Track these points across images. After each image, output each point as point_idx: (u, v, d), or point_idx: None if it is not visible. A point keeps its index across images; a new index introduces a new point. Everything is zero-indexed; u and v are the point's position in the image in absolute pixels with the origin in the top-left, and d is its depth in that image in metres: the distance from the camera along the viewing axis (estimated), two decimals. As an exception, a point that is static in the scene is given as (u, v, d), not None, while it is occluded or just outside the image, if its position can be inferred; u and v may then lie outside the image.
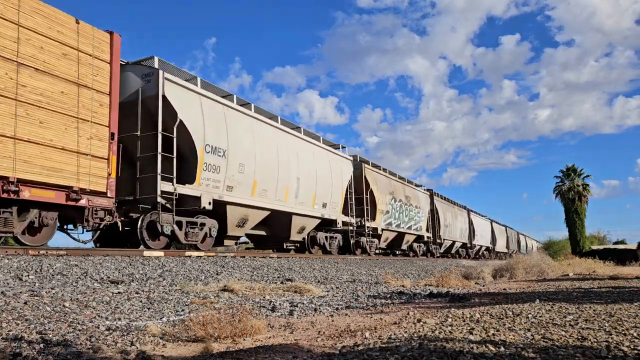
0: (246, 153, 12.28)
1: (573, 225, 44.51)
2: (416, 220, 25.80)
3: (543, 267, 14.40)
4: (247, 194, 12.31)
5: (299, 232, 15.26)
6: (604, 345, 3.01)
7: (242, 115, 12.58)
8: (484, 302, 6.15)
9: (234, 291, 6.48)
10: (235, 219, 12.15)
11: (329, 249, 17.17)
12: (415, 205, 25.60)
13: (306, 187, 15.01)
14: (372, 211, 19.84)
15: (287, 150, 14.28)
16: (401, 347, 2.96)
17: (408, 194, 24.84)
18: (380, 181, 21.19)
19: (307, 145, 15.75)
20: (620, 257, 28.82)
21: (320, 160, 16.27)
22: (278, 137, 14.03)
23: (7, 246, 7.51)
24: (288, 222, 14.55)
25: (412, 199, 25.24)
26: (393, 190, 22.43)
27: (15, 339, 3.31)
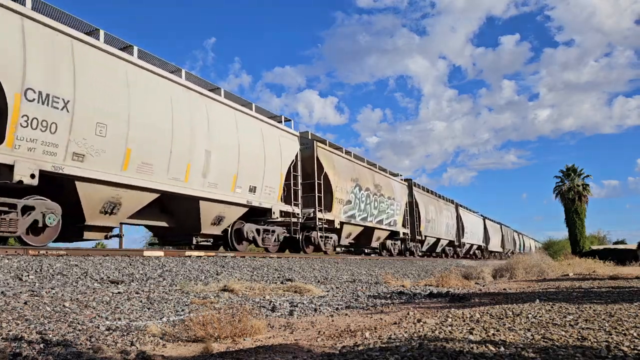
0: (112, 109, 8.76)
1: (573, 225, 44.54)
2: (389, 213, 21.96)
3: (543, 267, 14.40)
4: (114, 167, 8.84)
5: (215, 224, 11.76)
6: (604, 345, 3.01)
7: (108, 56, 8.90)
8: (484, 302, 6.15)
9: (234, 291, 6.48)
10: (95, 202, 8.80)
11: (263, 244, 13.50)
12: (388, 196, 21.77)
13: (222, 164, 11.38)
14: (328, 200, 16.36)
15: (192, 114, 10.56)
16: (401, 347, 2.96)
17: (379, 182, 21.03)
18: (340, 165, 17.61)
19: (227, 111, 11.89)
20: (620, 257, 28.81)
21: (249, 133, 12.51)
22: (177, 95, 10.27)
23: (7, 246, 7.51)
24: (195, 210, 10.98)
25: (384, 188, 21.42)
26: (358, 176, 18.87)
27: (15, 339, 3.31)
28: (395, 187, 23.33)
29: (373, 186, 20.31)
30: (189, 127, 10.47)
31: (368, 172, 20.37)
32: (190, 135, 10.48)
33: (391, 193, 22.36)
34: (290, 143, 14.80)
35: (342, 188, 17.34)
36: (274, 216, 13.55)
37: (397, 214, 23.09)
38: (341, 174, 17.37)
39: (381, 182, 21.52)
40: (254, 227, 13.18)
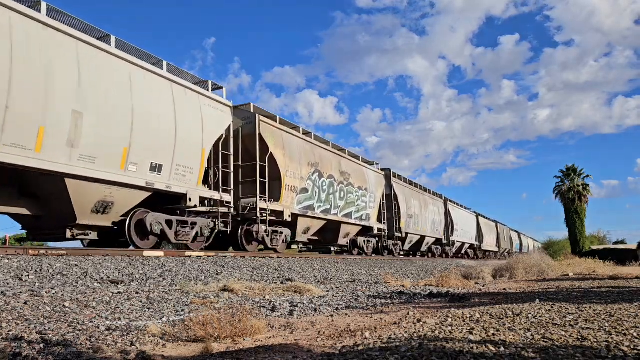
0: None
1: (573, 225, 44.56)
2: (361, 206, 18.92)
3: (543, 267, 14.40)
4: None
5: (99, 212, 9.08)
6: (604, 345, 3.01)
7: None
8: (484, 302, 6.15)
9: (234, 291, 6.48)
10: None
11: (176, 239, 10.57)
12: (359, 186, 18.78)
13: (103, 132, 8.69)
14: (276, 188, 13.56)
15: (50, 60, 7.85)
16: (401, 347, 2.96)
17: (347, 169, 17.99)
18: (293, 146, 14.53)
19: (116, 65, 9.12)
20: (620, 257, 28.82)
21: (152, 95, 9.81)
22: (27, 31, 7.59)
23: (7, 246, 7.50)
24: (62, 192, 8.37)
25: (353, 177, 18.45)
26: (319, 161, 15.87)
27: (15, 339, 3.31)
28: (369, 176, 20.11)
29: (339, 174, 17.14)
30: (41, 76, 7.68)
31: (333, 157, 17.13)
32: (43, 89, 7.69)
33: (363, 183, 19.23)
34: (218, 115, 11.71)
35: (296, 173, 14.23)
36: (189, 203, 10.57)
37: (370, 207, 19.83)
38: (294, 156, 14.30)
39: (350, 169, 18.37)
40: (162, 218, 10.15)
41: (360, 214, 19.00)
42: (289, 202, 14.04)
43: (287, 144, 14.18)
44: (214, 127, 11.56)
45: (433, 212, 28.74)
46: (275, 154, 13.39)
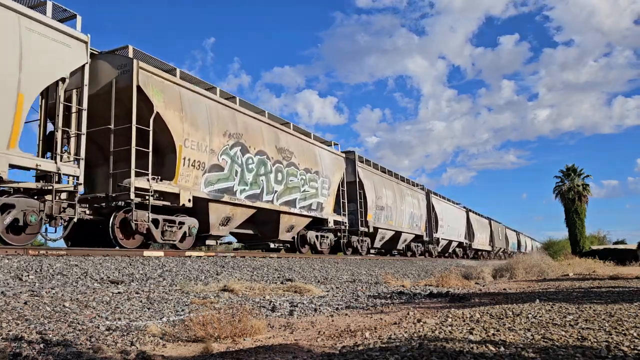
0: None
1: (573, 225, 44.57)
2: (309, 193, 15.29)
3: (543, 267, 14.41)
4: None
5: None
6: (604, 345, 3.01)
7: None
8: (484, 302, 6.15)
9: (234, 291, 6.48)
10: None
11: None
12: (307, 168, 15.20)
13: None
14: (170, 163, 10.28)
15: None
16: (401, 347, 2.96)
17: (288, 146, 14.39)
18: (199, 108, 10.95)
19: None
20: (620, 257, 28.83)
21: None
22: None
23: (7, 246, 7.50)
24: None
25: (299, 156, 14.85)
26: (242, 132, 12.28)
27: (15, 339, 3.31)
28: (322, 157, 16.41)
29: (275, 150, 13.63)
30: None
31: (267, 130, 13.48)
32: None
33: (313, 164, 15.60)
34: (55, 49, 8.19)
35: (202, 145, 10.79)
36: None
37: (323, 194, 16.09)
38: (200, 122, 10.83)
39: (293, 146, 14.69)
40: None
41: (309, 203, 15.20)
42: (191, 182, 10.52)
43: (187, 105, 10.55)
44: (44, 66, 8.05)
45: (412, 205, 24.79)
46: (165, 116, 9.90)
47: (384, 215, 21.14)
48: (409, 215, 24.34)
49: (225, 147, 11.69)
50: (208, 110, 11.31)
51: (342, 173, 17.98)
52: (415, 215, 25.48)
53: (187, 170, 10.49)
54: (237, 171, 12.12)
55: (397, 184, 23.76)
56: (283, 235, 14.25)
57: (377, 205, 20.29)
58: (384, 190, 21.41)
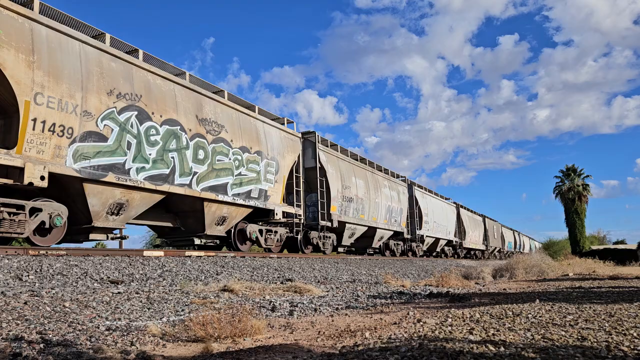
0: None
1: (573, 225, 44.68)
2: (247, 177, 12.20)
3: (543, 267, 14.42)
4: None
5: None
6: (604, 345, 3.01)
7: None
8: (484, 302, 6.15)
9: (234, 291, 6.48)
10: None
11: None
12: (243, 146, 12.12)
13: None
14: (14, 125, 7.67)
15: None
16: (401, 347, 2.96)
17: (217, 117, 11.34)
18: (64, 55, 8.12)
19: None
20: (620, 257, 28.85)
21: None
22: None
23: (7, 246, 7.50)
24: None
25: (232, 132, 11.81)
26: (141, 92, 9.49)
27: (15, 339, 3.31)
28: (268, 136, 13.28)
29: (196, 122, 10.60)
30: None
31: (183, 95, 10.50)
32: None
33: (254, 143, 12.55)
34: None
35: (67, 103, 7.96)
36: None
37: (268, 180, 13.05)
38: (66, 72, 8.03)
39: (224, 118, 11.51)
40: None
41: (247, 190, 12.15)
42: (49, 153, 7.74)
43: (44, 48, 7.81)
44: None
45: (390, 198, 21.37)
46: None
47: (354, 208, 17.82)
48: (386, 208, 20.85)
49: (110, 111, 8.71)
50: (84, 59, 8.44)
51: (296, 156, 14.64)
52: (394, 209, 21.87)
53: (40, 136, 7.62)
54: (131, 143, 9.09)
55: (372, 174, 20.24)
56: (212, 229, 11.33)
57: (344, 196, 17.00)
58: (353, 179, 18.06)
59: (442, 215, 29.36)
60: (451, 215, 31.58)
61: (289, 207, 14.02)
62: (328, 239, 16.40)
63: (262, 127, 13.21)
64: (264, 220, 13.34)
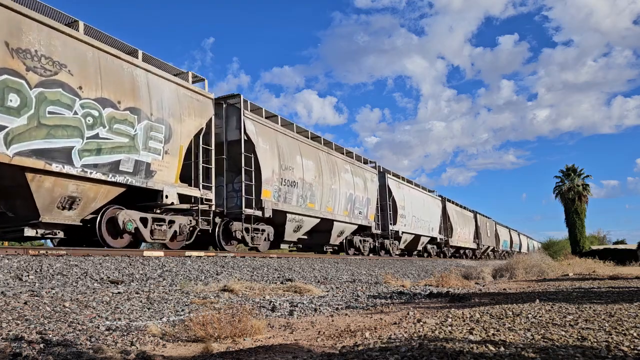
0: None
1: (573, 225, 44.70)
2: (113, 142, 8.76)
3: (543, 267, 14.43)
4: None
5: None
6: (604, 345, 3.01)
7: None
8: (484, 302, 6.15)
9: (234, 291, 6.48)
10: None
11: None
12: (103, 98, 8.60)
13: None
14: None
15: None
16: (401, 347, 2.96)
17: (49, 51, 7.73)
18: None
19: None
20: (620, 257, 28.86)
21: None
22: None
23: (7, 246, 7.50)
24: None
25: (83, 75, 8.24)
26: None
27: (15, 339, 3.31)
28: (154, 90, 9.81)
29: (5, 50, 7.16)
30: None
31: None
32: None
33: (126, 97, 9.11)
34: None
35: None
36: None
37: (153, 149, 9.58)
38: None
39: (63, 54, 8.01)
40: None
41: (111, 160, 8.75)
42: None
43: None
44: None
45: (353, 186, 17.45)
46: None
47: (298, 194, 13.91)
48: (346, 197, 16.80)
49: None
50: None
51: (203, 122, 10.97)
52: (359, 199, 17.86)
53: None
54: None
55: (327, 154, 16.17)
56: (52, 214, 8.08)
57: (283, 179, 13.22)
58: (299, 159, 14.17)
59: (424, 209, 25.33)
60: (435, 210, 27.68)
61: (191, 189, 10.56)
62: (261, 233, 12.93)
63: (145, 78, 9.64)
64: (153, 205, 9.96)
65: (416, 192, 24.96)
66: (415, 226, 23.94)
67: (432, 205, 27.46)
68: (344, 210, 16.80)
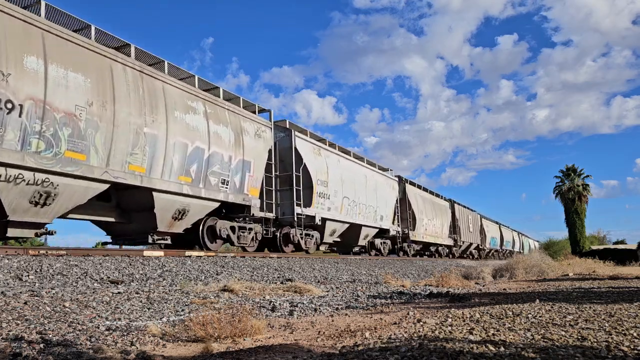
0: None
1: (573, 225, 44.69)
2: None
3: (543, 267, 14.42)
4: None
5: None
6: (604, 345, 3.01)
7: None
8: (484, 302, 6.15)
9: (234, 291, 6.48)
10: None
11: None
12: None
13: None
14: None
15: None
16: (401, 347, 2.96)
17: None
18: None
19: None
20: (620, 257, 28.84)
21: None
22: None
23: (7, 246, 7.50)
24: None
25: None
26: None
27: (16, 339, 3.31)
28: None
29: None
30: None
31: None
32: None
33: None
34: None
35: None
36: None
37: None
38: None
39: None
40: None
41: None
42: None
43: None
44: None
45: (221, 143, 11.33)
46: None
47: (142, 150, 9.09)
48: (199, 162, 10.58)
49: None
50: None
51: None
52: (225, 164, 11.42)
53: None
54: None
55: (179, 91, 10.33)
56: None
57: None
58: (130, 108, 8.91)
59: (364, 190, 18.58)
60: (386, 192, 20.79)
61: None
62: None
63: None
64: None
65: (352, 164, 18.29)
66: (351, 214, 17.33)
67: (384, 187, 20.68)
68: (188, 177, 10.28)
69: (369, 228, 19.01)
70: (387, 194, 21.10)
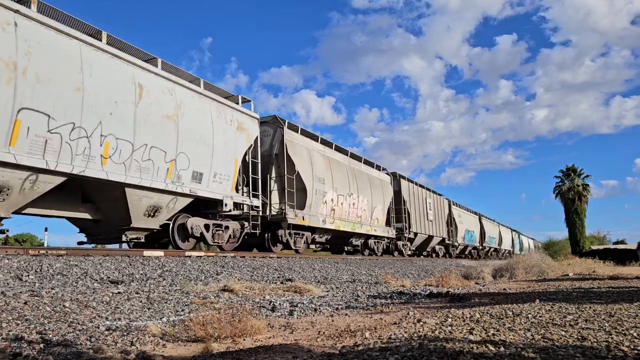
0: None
1: (573, 225, 44.71)
2: None
3: (543, 267, 14.42)
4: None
5: None
6: (604, 345, 3.01)
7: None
8: (484, 302, 6.15)
9: (234, 291, 6.48)
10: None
11: None
12: None
13: None
14: None
15: None
16: (401, 347, 2.96)
17: None
18: None
19: None
20: (620, 257, 28.85)
21: None
22: None
23: (7, 246, 7.50)
24: None
25: None
26: None
27: (16, 339, 3.31)
28: None
29: None
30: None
31: None
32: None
33: None
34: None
35: None
36: None
37: None
38: None
39: None
40: None
41: None
42: None
43: None
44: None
45: None
46: None
47: None
48: None
49: None
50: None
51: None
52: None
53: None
54: None
55: None
56: None
57: None
58: None
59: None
60: (231, 142, 12.43)
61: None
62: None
63: None
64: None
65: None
66: None
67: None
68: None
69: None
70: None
